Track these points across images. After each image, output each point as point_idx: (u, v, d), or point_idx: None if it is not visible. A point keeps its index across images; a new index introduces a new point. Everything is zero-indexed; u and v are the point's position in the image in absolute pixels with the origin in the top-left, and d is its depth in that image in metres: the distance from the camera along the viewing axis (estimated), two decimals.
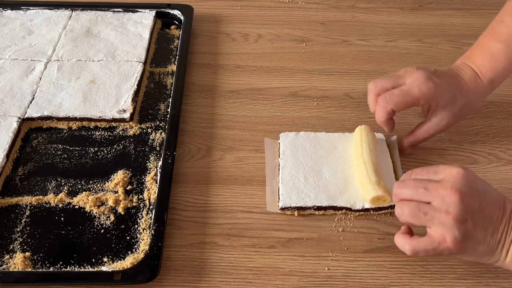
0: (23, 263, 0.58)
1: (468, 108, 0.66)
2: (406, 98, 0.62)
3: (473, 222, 0.50)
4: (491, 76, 0.65)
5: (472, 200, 0.50)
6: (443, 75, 0.64)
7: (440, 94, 0.62)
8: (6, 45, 0.84)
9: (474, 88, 0.65)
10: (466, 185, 0.50)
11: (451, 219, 0.49)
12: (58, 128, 0.73)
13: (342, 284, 0.58)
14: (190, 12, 0.91)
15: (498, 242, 0.51)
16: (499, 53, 0.65)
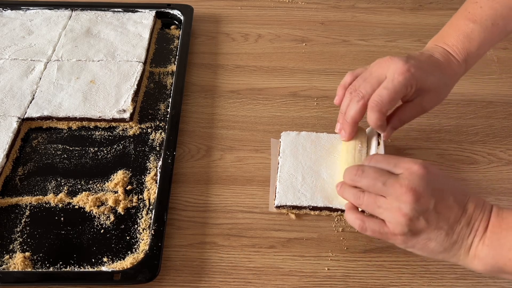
0: (23, 263, 0.58)
1: (446, 88, 0.64)
2: (396, 94, 0.58)
3: (426, 222, 0.49)
4: (464, 56, 0.63)
5: (428, 201, 0.49)
6: (418, 58, 0.62)
7: (424, 75, 0.60)
8: (6, 45, 0.84)
9: (449, 68, 0.63)
10: (423, 185, 0.50)
11: (402, 215, 0.49)
12: (58, 128, 0.73)
13: (342, 284, 0.58)
14: (190, 12, 0.91)
15: (454, 242, 0.50)
16: (473, 32, 0.63)
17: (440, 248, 0.50)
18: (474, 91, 0.81)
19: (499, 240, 0.48)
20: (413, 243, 0.51)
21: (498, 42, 0.67)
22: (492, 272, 0.50)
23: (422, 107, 0.63)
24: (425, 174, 0.50)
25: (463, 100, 0.80)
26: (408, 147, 0.73)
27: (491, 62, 0.86)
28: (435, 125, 0.76)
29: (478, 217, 0.50)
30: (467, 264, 0.51)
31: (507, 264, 0.48)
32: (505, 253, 0.48)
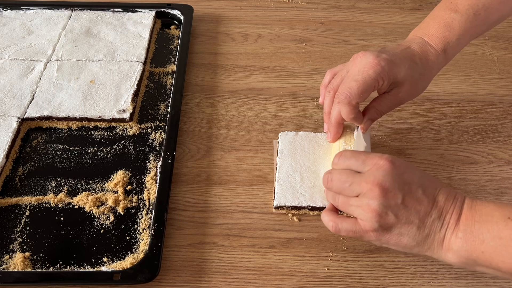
0: (22, 263, 0.58)
1: (425, 77, 0.63)
2: (365, 86, 0.58)
3: (395, 216, 0.49)
4: (443, 45, 0.63)
5: (395, 195, 0.49)
6: (392, 50, 0.62)
7: (395, 68, 0.59)
8: (6, 45, 0.84)
9: (425, 58, 0.62)
10: (390, 180, 0.50)
11: (371, 211, 0.50)
12: (57, 128, 0.73)
13: (342, 284, 0.58)
14: (190, 12, 0.91)
15: (426, 236, 0.50)
16: (454, 22, 0.63)
17: (413, 243, 0.50)
18: (474, 91, 0.81)
19: (472, 233, 0.48)
20: (386, 239, 0.51)
21: (480, 33, 0.67)
22: (467, 264, 0.50)
23: (400, 98, 0.62)
24: (392, 169, 0.50)
25: (463, 100, 0.80)
26: (408, 147, 0.73)
27: (491, 62, 0.86)
28: (435, 125, 0.76)
29: (450, 209, 0.50)
30: (442, 257, 0.50)
31: (479, 257, 0.47)
32: (477, 246, 0.47)
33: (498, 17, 0.66)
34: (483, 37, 0.91)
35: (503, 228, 0.46)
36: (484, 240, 0.47)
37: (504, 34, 0.92)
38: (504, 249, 0.46)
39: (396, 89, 0.61)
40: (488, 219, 0.48)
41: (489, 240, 0.47)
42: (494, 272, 0.48)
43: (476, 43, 0.90)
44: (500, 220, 0.47)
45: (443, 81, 0.83)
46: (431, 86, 0.81)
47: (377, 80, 0.58)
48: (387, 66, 0.58)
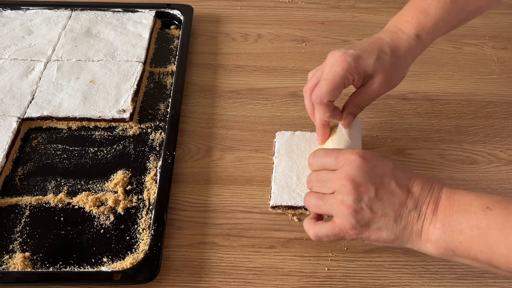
0: (22, 263, 0.58)
1: (398, 66, 0.62)
2: (334, 84, 0.58)
3: (370, 210, 0.49)
4: (417, 31, 0.62)
5: (368, 189, 0.49)
6: (360, 43, 0.62)
7: (363, 61, 0.59)
8: (6, 45, 0.84)
9: (397, 45, 0.62)
10: (361, 174, 0.50)
11: (346, 207, 0.49)
12: (57, 128, 0.73)
13: (341, 284, 0.58)
14: (190, 12, 0.91)
15: (404, 228, 0.49)
16: (430, 8, 0.63)
17: (392, 236, 0.50)
18: (474, 91, 0.81)
19: (450, 223, 0.47)
20: (366, 235, 0.50)
21: (459, 23, 0.67)
22: (446, 255, 0.49)
23: (376, 90, 0.62)
24: (363, 163, 0.50)
25: (463, 100, 0.80)
26: (408, 147, 0.72)
27: (491, 62, 0.86)
28: (435, 125, 0.76)
29: (426, 199, 0.49)
30: (422, 248, 0.50)
31: (458, 247, 0.47)
32: (456, 236, 0.47)
33: (476, 6, 0.66)
34: (483, 37, 0.91)
35: (482, 217, 0.46)
36: (462, 230, 0.46)
37: (504, 34, 0.92)
38: (482, 239, 0.45)
39: (370, 82, 0.61)
40: (466, 208, 0.47)
41: (467, 230, 0.46)
42: (472, 262, 0.48)
43: (476, 43, 0.90)
44: (479, 210, 0.46)
45: (443, 81, 0.83)
46: (431, 86, 0.82)
47: (346, 76, 0.58)
48: (353, 62, 0.58)
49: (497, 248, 0.45)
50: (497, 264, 0.45)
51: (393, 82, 0.63)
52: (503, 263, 0.45)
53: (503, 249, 0.44)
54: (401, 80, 0.64)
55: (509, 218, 0.45)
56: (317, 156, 0.55)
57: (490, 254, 0.45)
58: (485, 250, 0.45)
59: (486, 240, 0.45)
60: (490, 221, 0.45)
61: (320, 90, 0.59)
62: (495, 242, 0.45)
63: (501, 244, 0.44)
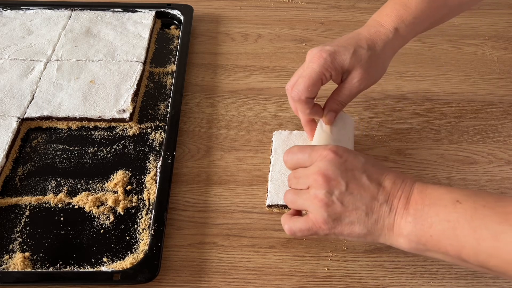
0: (22, 263, 0.58)
1: (377, 60, 0.62)
2: (310, 80, 0.59)
3: (341, 204, 0.49)
4: (396, 24, 0.62)
5: (338, 183, 0.50)
6: (338, 40, 0.62)
7: (339, 56, 0.60)
8: (6, 45, 0.84)
9: (375, 40, 0.62)
10: (332, 168, 0.50)
11: (318, 201, 0.50)
12: (57, 128, 0.73)
13: (341, 284, 0.58)
14: (190, 12, 0.91)
15: (375, 222, 0.49)
16: (410, 2, 0.63)
17: (365, 230, 0.50)
18: (474, 91, 0.81)
19: (421, 217, 0.47)
20: (339, 230, 0.50)
21: (442, 18, 0.66)
22: (418, 250, 0.49)
23: (356, 86, 0.62)
24: (334, 158, 0.51)
25: (463, 100, 0.80)
26: (408, 147, 0.72)
27: (491, 62, 0.86)
28: (435, 125, 0.76)
29: (397, 193, 0.49)
30: (394, 243, 0.50)
31: (428, 241, 0.47)
32: (426, 229, 0.47)
33: (457, 2, 0.66)
34: (483, 37, 0.91)
35: (452, 211, 0.46)
36: (433, 223, 0.46)
37: (504, 34, 0.92)
38: (452, 232, 0.45)
39: (349, 77, 0.61)
40: (437, 202, 0.47)
41: (437, 223, 0.46)
42: (443, 257, 0.48)
43: (476, 43, 0.90)
44: (449, 203, 0.46)
45: (443, 81, 0.83)
46: (431, 86, 0.82)
47: (322, 72, 0.59)
48: (329, 57, 0.59)
49: (466, 241, 0.45)
50: (466, 258, 0.45)
51: (373, 77, 0.63)
52: (471, 256, 0.45)
53: (471, 242, 0.44)
54: (381, 74, 0.64)
55: (477, 211, 0.44)
56: (291, 153, 0.55)
57: (459, 247, 0.45)
58: (455, 244, 0.45)
59: (455, 233, 0.45)
60: (459, 214, 0.45)
61: (298, 87, 0.60)
62: (463, 235, 0.45)
63: (469, 237, 0.44)
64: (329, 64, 0.59)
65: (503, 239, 0.42)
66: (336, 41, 0.62)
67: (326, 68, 0.59)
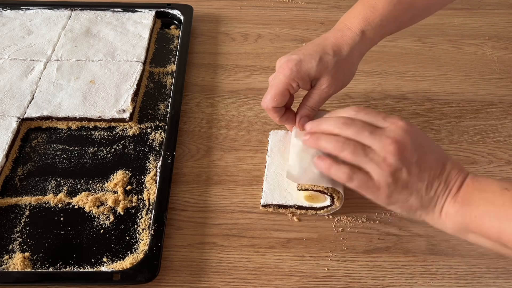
0: (22, 263, 0.58)
1: (343, 65, 0.62)
2: (277, 90, 0.60)
3: (408, 173, 0.51)
4: (362, 26, 0.63)
5: (411, 153, 0.51)
6: (305, 47, 0.63)
7: (305, 65, 0.60)
8: (6, 45, 0.84)
9: (341, 44, 0.62)
10: (408, 139, 0.52)
11: (387, 166, 0.51)
12: (57, 128, 0.73)
13: (341, 284, 0.58)
14: (189, 12, 0.91)
15: (431, 199, 0.52)
16: (377, 4, 0.63)
17: (419, 204, 0.52)
18: (474, 91, 0.81)
19: (469, 199, 0.50)
20: (396, 197, 0.52)
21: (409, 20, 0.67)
22: (461, 230, 0.51)
23: (325, 91, 0.62)
24: (410, 130, 0.53)
25: (463, 100, 0.80)
26: None
27: (491, 62, 0.86)
28: (435, 125, 0.76)
29: (455, 177, 0.52)
30: (438, 222, 0.52)
31: (472, 221, 0.49)
32: (472, 210, 0.49)
33: (425, 4, 0.66)
34: (483, 37, 0.91)
35: (499, 196, 0.48)
36: (479, 205, 0.49)
37: (504, 34, 0.92)
38: (495, 215, 0.48)
39: (317, 84, 0.62)
40: (486, 188, 0.50)
41: (483, 205, 0.49)
42: (484, 241, 0.50)
43: (476, 43, 0.90)
44: (497, 190, 0.49)
45: (443, 81, 0.83)
46: (431, 86, 0.81)
47: (288, 83, 0.60)
48: (295, 67, 0.60)
49: (508, 225, 0.47)
50: (505, 241, 0.47)
51: (341, 81, 0.64)
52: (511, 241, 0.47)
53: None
54: (350, 78, 0.65)
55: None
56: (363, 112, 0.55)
57: (500, 230, 0.47)
58: (496, 226, 0.47)
59: (498, 216, 0.47)
60: (505, 200, 0.48)
61: (265, 97, 0.62)
62: (506, 219, 0.47)
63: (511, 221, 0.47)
64: (295, 75, 0.60)
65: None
66: (303, 48, 0.63)
67: (292, 78, 0.60)
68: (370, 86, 0.82)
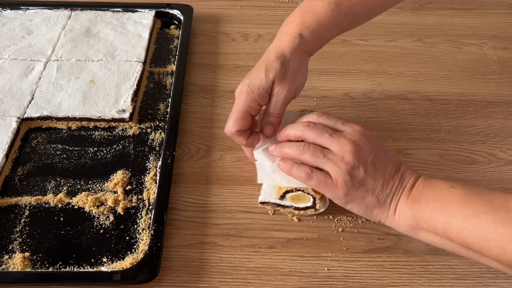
0: (22, 263, 0.58)
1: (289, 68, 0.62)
2: (238, 114, 0.62)
3: (364, 171, 0.55)
4: (299, 30, 0.63)
5: (367, 153, 0.56)
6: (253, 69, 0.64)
7: (255, 83, 0.61)
8: (6, 45, 0.84)
9: (281, 49, 0.63)
10: (364, 140, 0.56)
11: (344, 164, 0.55)
12: (57, 128, 0.73)
13: (341, 284, 0.58)
14: (189, 12, 0.91)
15: (386, 196, 0.55)
16: (315, 9, 0.64)
17: (375, 201, 0.55)
18: (474, 91, 0.81)
19: (419, 196, 0.54)
20: (353, 195, 0.55)
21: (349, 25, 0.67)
22: (412, 228, 0.54)
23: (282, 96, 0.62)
24: (367, 133, 0.58)
25: (463, 100, 0.80)
26: (408, 147, 0.72)
27: (491, 62, 0.86)
28: (435, 125, 0.76)
29: (408, 176, 0.56)
30: (394, 222, 0.56)
31: (421, 216, 0.53)
32: (421, 206, 0.53)
33: (365, 11, 0.66)
34: (483, 37, 0.91)
35: (446, 193, 0.52)
36: (428, 201, 0.53)
37: (504, 34, 0.92)
38: (442, 210, 0.51)
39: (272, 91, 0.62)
40: (436, 186, 0.54)
41: (431, 201, 0.52)
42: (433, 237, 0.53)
43: (476, 43, 0.90)
44: (445, 188, 0.53)
45: (443, 81, 0.83)
46: (431, 86, 0.82)
47: (248, 105, 0.62)
48: (249, 88, 0.61)
49: (452, 219, 0.50)
50: (450, 235, 0.50)
51: (294, 83, 0.63)
52: (455, 233, 0.50)
53: (457, 220, 0.50)
54: (302, 78, 0.65)
55: (467, 195, 0.51)
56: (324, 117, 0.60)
57: (446, 224, 0.50)
58: (443, 220, 0.51)
59: (445, 211, 0.51)
60: (451, 196, 0.51)
61: (227, 123, 0.62)
62: (452, 213, 0.50)
63: (456, 215, 0.50)
64: (251, 95, 0.61)
65: (483, 218, 0.48)
66: (252, 70, 0.64)
67: (250, 100, 0.61)
68: (370, 86, 0.82)
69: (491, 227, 0.47)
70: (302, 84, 0.65)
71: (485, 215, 0.48)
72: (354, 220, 0.64)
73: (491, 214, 0.48)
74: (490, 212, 0.48)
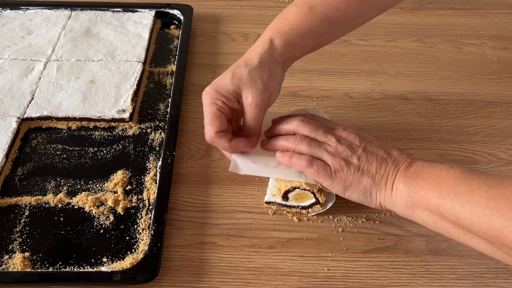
0: (22, 263, 0.58)
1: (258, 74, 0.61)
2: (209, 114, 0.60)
3: (358, 158, 0.58)
4: (270, 35, 0.63)
5: (358, 143, 0.59)
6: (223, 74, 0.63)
7: (219, 84, 0.61)
8: (6, 45, 0.84)
9: (251, 54, 0.62)
10: (354, 133, 0.60)
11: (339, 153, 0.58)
12: (57, 128, 0.73)
13: (341, 284, 0.58)
14: (189, 12, 0.91)
15: (382, 176, 0.57)
16: (288, 14, 0.64)
17: (371, 182, 0.57)
18: (474, 91, 0.81)
19: (417, 174, 0.55)
20: (350, 180, 0.57)
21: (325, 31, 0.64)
22: (408, 206, 0.55)
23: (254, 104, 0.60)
24: (357, 130, 0.61)
25: (463, 100, 0.80)
26: (408, 147, 0.72)
27: (491, 62, 0.86)
28: (435, 125, 0.76)
29: (403, 159, 0.58)
30: (391, 201, 0.56)
31: (417, 193, 0.53)
32: (418, 183, 0.54)
33: (343, 18, 0.64)
34: (483, 37, 0.91)
35: (444, 171, 0.53)
36: (425, 178, 0.54)
37: (504, 34, 0.92)
38: (437, 186, 0.52)
39: (243, 99, 0.61)
40: (434, 165, 0.55)
41: (428, 178, 0.53)
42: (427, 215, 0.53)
43: (476, 43, 0.90)
44: (443, 167, 0.54)
45: (443, 81, 0.83)
46: (431, 86, 0.82)
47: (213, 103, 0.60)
48: (212, 89, 0.61)
49: (447, 193, 0.51)
50: (443, 211, 0.50)
51: (266, 90, 0.61)
52: (448, 209, 0.50)
53: (450, 195, 0.50)
54: (275, 85, 0.62)
55: (464, 174, 0.51)
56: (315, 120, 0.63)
57: (440, 199, 0.51)
58: (437, 196, 0.51)
59: (440, 188, 0.52)
60: (449, 174, 0.52)
61: (205, 130, 0.61)
62: (447, 188, 0.51)
63: (451, 191, 0.50)
64: (214, 95, 0.60)
65: (477, 193, 0.48)
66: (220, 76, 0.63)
67: (214, 98, 0.60)
68: (370, 86, 0.82)
69: (483, 202, 0.47)
70: (276, 91, 0.63)
71: (479, 191, 0.48)
72: (354, 220, 0.64)
73: (485, 190, 0.48)
74: (484, 189, 0.48)
